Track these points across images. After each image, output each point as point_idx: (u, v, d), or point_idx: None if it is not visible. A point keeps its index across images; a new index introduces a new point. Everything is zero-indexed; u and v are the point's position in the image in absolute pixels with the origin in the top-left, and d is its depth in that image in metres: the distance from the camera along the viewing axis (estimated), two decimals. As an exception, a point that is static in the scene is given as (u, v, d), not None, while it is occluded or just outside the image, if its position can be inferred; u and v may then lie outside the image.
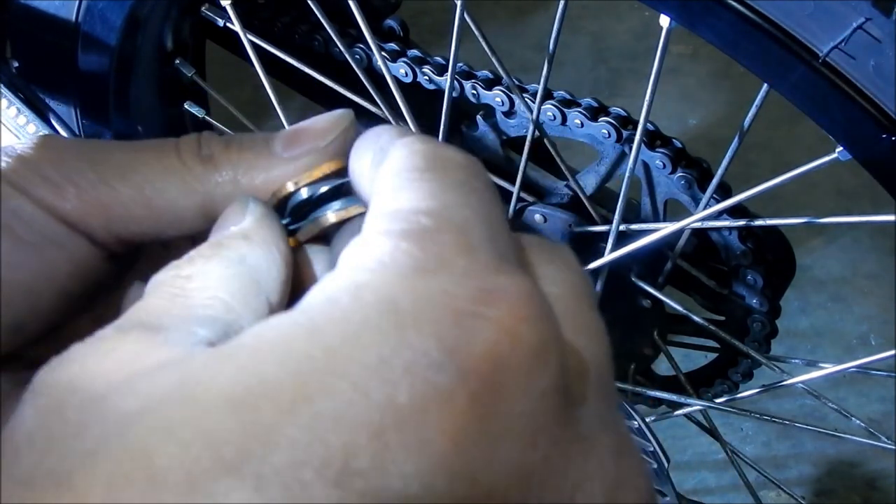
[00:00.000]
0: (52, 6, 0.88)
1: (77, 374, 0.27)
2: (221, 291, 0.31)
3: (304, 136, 0.36)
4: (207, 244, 0.33)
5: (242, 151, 0.36)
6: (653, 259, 0.92)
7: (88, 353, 0.28)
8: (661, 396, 0.96)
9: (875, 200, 1.67)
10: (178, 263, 0.32)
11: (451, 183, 0.28)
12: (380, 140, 0.33)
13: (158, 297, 0.31)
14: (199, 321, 0.29)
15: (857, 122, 0.60)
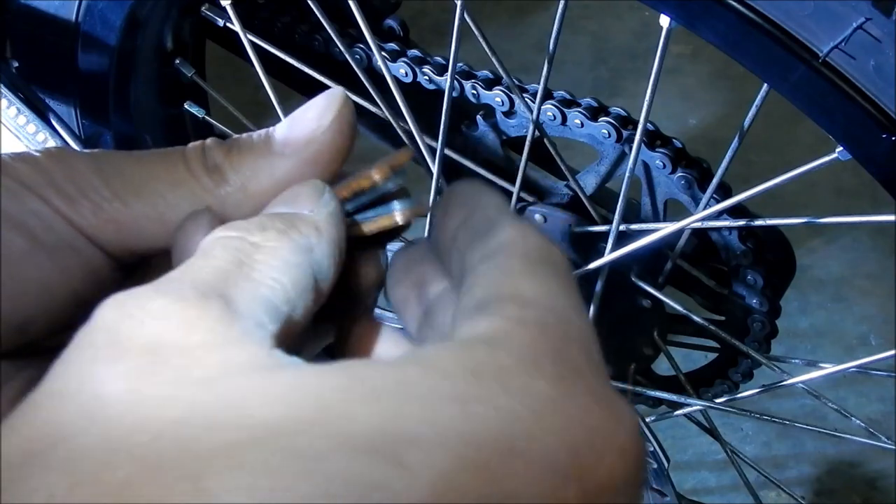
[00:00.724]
0: (52, 6, 0.88)
1: (158, 340, 0.26)
2: (286, 277, 0.30)
3: (299, 126, 0.37)
4: (280, 218, 0.33)
5: (243, 156, 0.37)
6: (653, 259, 0.92)
7: (168, 314, 0.27)
8: (661, 396, 0.96)
9: (875, 200, 1.67)
10: (246, 226, 0.32)
11: (563, 285, 0.29)
12: (481, 205, 0.34)
13: (222, 259, 0.30)
14: (265, 306, 0.29)
15: (857, 122, 0.60)
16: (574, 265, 0.91)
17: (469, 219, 0.34)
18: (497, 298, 0.28)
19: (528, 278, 0.29)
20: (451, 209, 0.35)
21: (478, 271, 0.31)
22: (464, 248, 0.33)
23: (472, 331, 0.27)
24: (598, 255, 0.84)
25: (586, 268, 0.84)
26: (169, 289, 0.28)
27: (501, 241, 0.31)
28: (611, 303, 0.91)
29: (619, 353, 0.98)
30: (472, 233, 0.33)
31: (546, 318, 0.28)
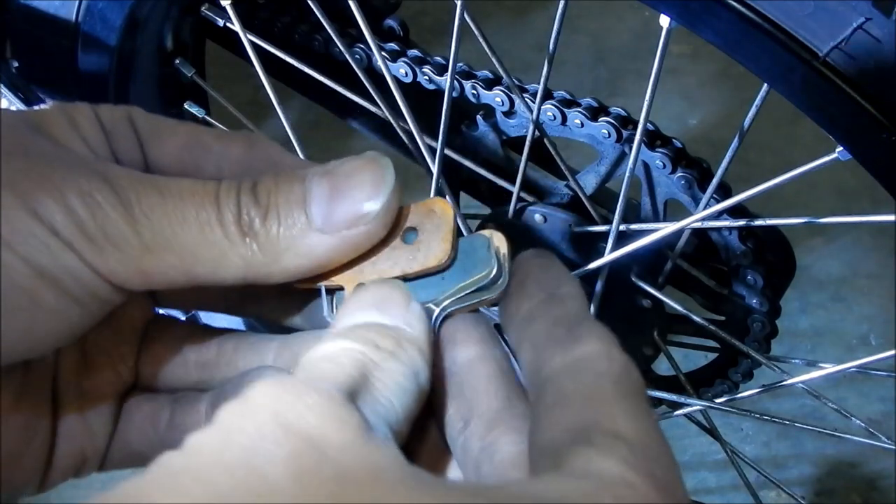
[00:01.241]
0: (52, 6, 0.88)
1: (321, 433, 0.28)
2: (397, 401, 0.33)
3: (343, 201, 0.36)
4: (390, 337, 0.34)
5: (282, 224, 0.36)
6: (653, 259, 0.92)
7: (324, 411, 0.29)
8: (661, 396, 0.96)
9: (875, 200, 1.67)
10: (364, 340, 0.33)
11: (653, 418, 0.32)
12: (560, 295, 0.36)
13: (351, 369, 0.32)
14: (382, 419, 0.31)
15: (857, 122, 0.60)
16: (574, 265, 0.91)
17: (547, 306, 0.35)
18: (601, 432, 0.30)
19: (625, 411, 0.31)
20: (528, 287, 0.36)
21: (566, 387, 0.32)
22: (541, 342, 0.34)
23: (585, 468, 0.29)
24: (598, 255, 0.84)
25: (586, 268, 0.84)
26: (320, 388, 0.30)
27: (588, 355, 0.33)
28: (611, 303, 0.91)
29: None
30: (551, 329, 0.34)
31: (652, 468, 0.30)
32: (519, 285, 0.37)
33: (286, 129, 0.88)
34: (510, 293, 0.37)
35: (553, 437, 0.31)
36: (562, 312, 0.35)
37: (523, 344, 0.35)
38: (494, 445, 0.35)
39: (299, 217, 0.36)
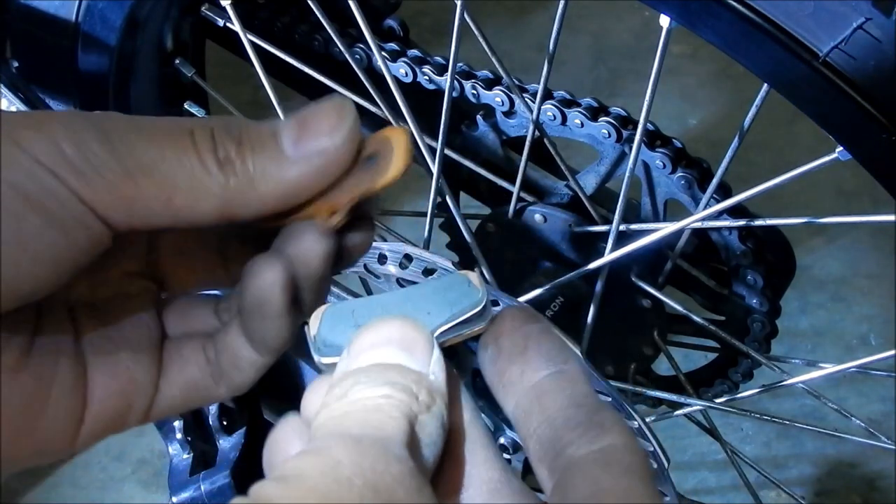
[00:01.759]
0: (52, 6, 0.88)
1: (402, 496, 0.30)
2: (430, 450, 0.34)
3: (311, 135, 0.38)
4: (425, 389, 0.35)
5: (255, 153, 0.38)
6: (653, 259, 0.92)
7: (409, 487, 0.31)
8: (661, 396, 0.96)
9: (875, 200, 1.67)
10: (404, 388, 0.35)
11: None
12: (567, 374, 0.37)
13: (399, 421, 0.33)
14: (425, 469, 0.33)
15: (857, 121, 0.60)
16: (574, 265, 0.91)
17: (558, 383, 0.37)
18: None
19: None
20: (531, 356, 0.37)
21: (594, 476, 0.34)
22: (559, 422, 0.36)
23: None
24: (598, 255, 0.84)
25: (586, 268, 0.84)
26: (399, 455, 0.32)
27: (613, 446, 0.34)
28: (611, 303, 0.91)
29: (620, 352, 0.98)
30: (569, 410, 0.36)
31: None
32: (520, 349, 0.38)
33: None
34: (510, 355, 0.38)
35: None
36: (578, 394, 0.36)
37: (532, 416, 0.36)
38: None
39: (271, 147, 0.38)
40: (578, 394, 0.36)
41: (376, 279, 0.72)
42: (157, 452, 1.58)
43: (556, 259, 0.95)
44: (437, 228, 1.02)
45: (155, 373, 0.43)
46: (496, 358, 0.38)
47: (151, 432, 1.57)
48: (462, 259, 1.02)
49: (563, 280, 0.86)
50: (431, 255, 0.79)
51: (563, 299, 0.93)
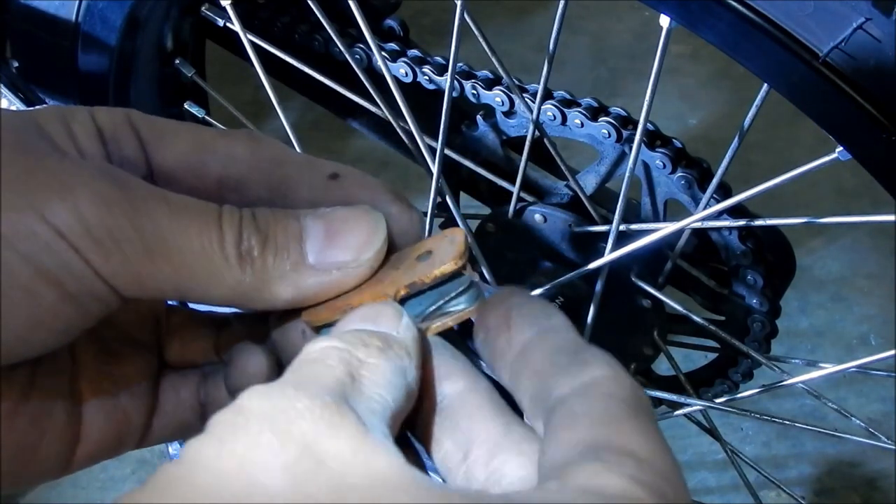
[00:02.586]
0: (52, 6, 0.88)
1: (314, 440, 0.29)
2: (389, 395, 0.33)
3: (337, 245, 0.38)
4: (375, 335, 0.35)
5: (278, 255, 0.38)
6: (653, 259, 0.92)
7: (317, 417, 0.30)
8: (661, 396, 0.96)
9: (875, 200, 1.67)
10: (351, 339, 0.34)
11: (661, 437, 0.32)
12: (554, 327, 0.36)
13: (338, 369, 0.33)
14: (377, 419, 0.32)
15: (857, 122, 0.60)
16: (574, 265, 0.91)
17: (543, 339, 0.36)
18: (609, 449, 0.30)
19: (634, 430, 0.31)
20: (517, 322, 0.37)
21: (576, 408, 0.32)
22: (545, 371, 0.35)
23: (592, 482, 0.29)
24: (598, 255, 0.84)
25: (586, 268, 0.84)
26: (309, 392, 0.30)
27: (596, 379, 0.33)
28: (611, 303, 0.91)
29: (620, 353, 0.98)
30: (553, 357, 0.35)
31: (659, 483, 0.30)
32: (504, 320, 0.38)
33: (286, 129, 0.88)
34: (497, 328, 0.38)
35: (562, 455, 0.31)
36: (561, 342, 0.36)
37: (523, 375, 0.36)
38: (500, 471, 0.35)
39: (295, 252, 0.38)
40: (562, 341, 0.36)
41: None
42: (157, 452, 1.58)
43: (556, 259, 0.95)
44: (438, 228, 1.02)
45: (149, 411, 0.44)
46: (486, 338, 0.38)
47: (151, 432, 1.57)
48: (462, 259, 1.02)
49: (563, 280, 0.86)
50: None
51: (563, 299, 0.93)
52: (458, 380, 0.38)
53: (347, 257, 0.38)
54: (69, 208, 0.34)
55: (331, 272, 0.38)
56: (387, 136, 1.06)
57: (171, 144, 0.42)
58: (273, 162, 0.42)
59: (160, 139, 0.42)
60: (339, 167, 0.42)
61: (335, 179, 0.41)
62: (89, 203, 0.35)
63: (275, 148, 0.42)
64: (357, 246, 0.38)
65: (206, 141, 0.42)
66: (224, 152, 0.42)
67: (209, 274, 0.37)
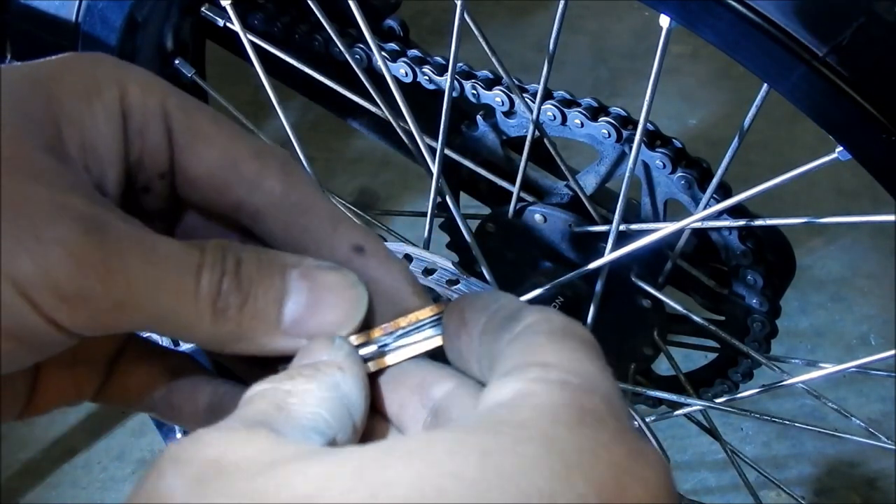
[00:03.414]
0: (52, 6, 0.88)
1: (220, 456, 0.29)
2: (323, 409, 0.33)
3: (316, 317, 0.37)
4: (305, 366, 0.35)
5: (254, 318, 0.37)
6: (653, 259, 0.92)
7: (224, 441, 0.30)
8: (661, 396, 0.96)
9: (875, 200, 1.67)
10: (278, 378, 0.34)
11: (588, 354, 0.32)
12: (500, 304, 0.36)
13: (262, 405, 0.33)
14: (311, 432, 0.32)
15: (857, 122, 0.60)
16: (574, 265, 0.92)
17: (493, 318, 0.36)
18: (521, 367, 0.31)
19: (553, 348, 0.32)
20: (471, 316, 0.37)
21: (505, 352, 0.33)
22: (490, 341, 0.35)
23: (496, 396, 0.30)
24: (598, 255, 0.84)
25: (586, 268, 0.84)
26: (220, 426, 0.31)
27: (527, 323, 0.33)
28: (611, 303, 0.91)
29: (620, 353, 0.98)
30: (497, 326, 0.35)
31: (567, 377, 0.30)
32: (460, 319, 0.38)
33: (286, 129, 0.88)
34: (456, 329, 0.38)
35: (487, 386, 0.32)
36: (504, 312, 0.36)
37: (482, 358, 0.36)
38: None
39: (272, 314, 0.37)
40: (507, 311, 0.35)
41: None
42: (157, 452, 1.58)
43: (556, 259, 0.95)
44: (437, 228, 1.02)
45: (101, 380, 0.43)
46: (449, 342, 0.38)
47: (151, 432, 1.57)
48: (462, 259, 1.02)
49: (563, 280, 0.86)
50: (431, 255, 0.79)
51: (563, 299, 0.93)
52: (444, 382, 0.38)
53: (321, 331, 0.37)
54: (37, 268, 0.33)
55: (301, 340, 0.37)
56: (387, 136, 1.06)
57: (200, 153, 0.39)
58: (299, 209, 0.40)
59: (191, 144, 0.39)
60: (364, 236, 0.40)
61: (359, 253, 0.40)
62: (59, 262, 0.33)
63: (305, 190, 0.40)
64: (334, 322, 0.38)
65: (238, 160, 0.39)
66: (252, 180, 0.39)
67: (180, 323, 0.36)
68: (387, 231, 1.10)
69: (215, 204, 0.40)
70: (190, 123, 0.39)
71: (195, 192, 0.40)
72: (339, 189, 1.85)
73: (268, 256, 0.38)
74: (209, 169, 0.39)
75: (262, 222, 0.40)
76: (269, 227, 0.40)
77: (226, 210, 0.40)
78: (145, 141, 0.39)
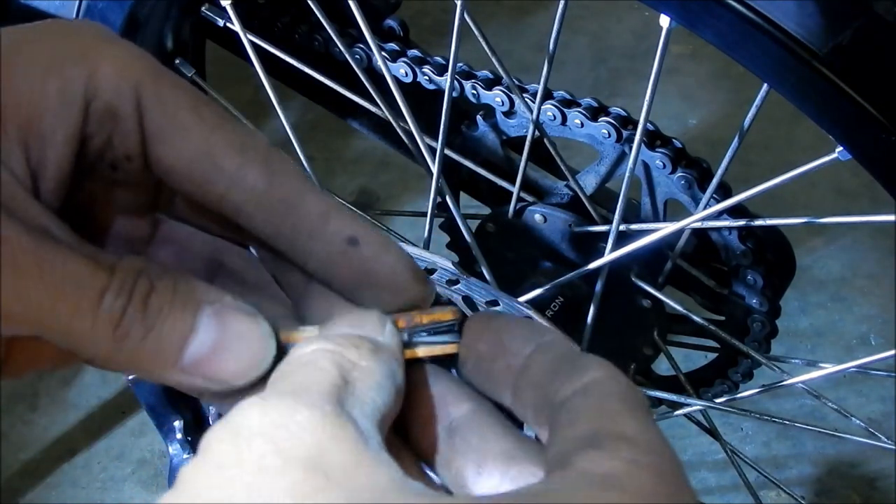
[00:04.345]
0: (52, 6, 0.88)
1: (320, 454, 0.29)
2: (380, 398, 0.33)
3: (216, 363, 0.36)
4: (367, 342, 0.35)
5: (154, 353, 0.35)
6: (653, 259, 0.92)
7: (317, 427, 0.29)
8: (661, 396, 0.96)
9: (875, 200, 1.67)
10: (341, 342, 0.34)
11: (654, 423, 0.33)
12: (547, 342, 0.36)
13: (331, 373, 0.32)
14: (372, 424, 0.32)
15: (857, 122, 0.60)
16: (574, 265, 0.91)
17: (540, 354, 0.36)
18: (608, 436, 0.31)
19: (631, 420, 0.32)
20: (511, 344, 0.37)
21: (577, 406, 0.33)
22: (547, 381, 0.35)
23: (593, 467, 0.30)
24: (598, 255, 0.84)
25: (586, 268, 0.84)
26: (307, 401, 0.30)
27: (595, 379, 0.34)
28: (611, 303, 0.91)
29: (620, 352, 0.98)
30: (553, 367, 0.35)
31: (657, 462, 0.31)
32: (497, 344, 0.37)
33: (286, 129, 0.88)
34: (492, 353, 0.38)
35: (564, 448, 0.31)
36: (559, 353, 0.36)
37: (526, 390, 0.36)
38: (517, 481, 0.35)
39: (172, 351, 0.35)
40: (560, 352, 0.35)
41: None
42: (157, 452, 1.58)
43: (556, 259, 0.95)
44: (437, 228, 1.02)
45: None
46: (480, 363, 0.38)
47: (151, 432, 1.57)
48: (462, 259, 1.02)
49: (563, 280, 0.86)
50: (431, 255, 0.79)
51: (563, 299, 0.93)
52: (463, 402, 0.38)
53: (220, 377, 0.36)
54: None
55: (197, 380, 0.36)
56: (387, 136, 1.06)
57: (175, 145, 0.37)
58: (285, 205, 0.37)
59: (165, 135, 0.37)
60: (357, 227, 0.38)
61: (354, 246, 0.38)
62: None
63: (291, 185, 0.38)
64: (235, 373, 0.36)
65: (217, 153, 0.37)
66: (232, 175, 0.37)
67: (75, 344, 0.35)
68: (387, 231, 1.10)
69: (196, 196, 0.38)
70: (165, 111, 0.37)
71: (173, 182, 0.38)
72: (339, 189, 1.85)
73: (185, 288, 0.36)
74: (185, 162, 0.37)
75: (246, 219, 0.38)
76: (254, 224, 0.38)
77: (208, 204, 0.38)
78: (115, 124, 0.37)
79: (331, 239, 0.38)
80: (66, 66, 0.37)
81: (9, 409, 1.64)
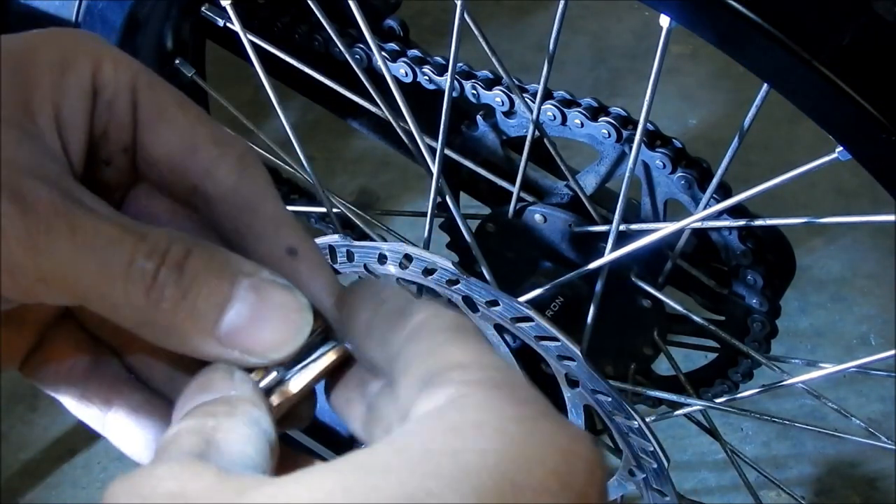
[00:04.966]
0: (52, 6, 0.88)
1: (182, 489, 0.30)
2: (248, 446, 0.33)
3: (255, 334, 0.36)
4: (218, 402, 0.35)
5: (190, 319, 0.36)
6: (653, 259, 0.92)
7: (178, 474, 0.31)
8: (661, 396, 0.96)
9: (875, 200, 1.67)
10: (197, 415, 0.34)
11: (484, 344, 0.34)
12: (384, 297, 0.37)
13: (194, 440, 0.33)
14: (244, 466, 0.32)
15: (857, 122, 0.60)
16: (574, 265, 0.91)
17: (377, 311, 0.36)
18: (439, 370, 0.32)
19: (458, 348, 0.33)
20: (355, 308, 0.37)
21: (408, 352, 0.34)
22: (382, 337, 0.35)
23: (433, 402, 0.31)
24: (598, 255, 0.84)
25: (586, 268, 0.84)
26: (164, 459, 0.32)
27: (419, 322, 0.34)
28: (611, 303, 0.91)
29: (620, 353, 0.98)
30: (386, 321, 0.36)
31: (491, 376, 0.31)
32: (347, 311, 0.38)
33: (286, 129, 0.88)
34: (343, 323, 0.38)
35: (405, 400, 0.32)
36: (391, 306, 0.36)
37: (371, 348, 0.36)
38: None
39: (210, 318, 0.36)
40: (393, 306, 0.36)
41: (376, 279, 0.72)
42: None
43: (556, 259, 0.95)
44: (437, 228, 1.02)
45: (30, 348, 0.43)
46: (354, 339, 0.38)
47: (151, 432, 1.57)
48: (462, 259, 1.02)
49: (563, 280, 0.86)
50: (431, 255, 0.79)
51: (563, 299, 0.93)
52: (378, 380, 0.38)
53: (257, 349, 0.36)
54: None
55: (234, 352, 0.36)
56: (387, 136, 1.06)
57: (162, 133, 0.40)
58: (246, 205, 0.40)
59: (154, 123, 0.40)
60: (301, 241, 0.40)
61: (292, 256, 0.39)
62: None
63: (256, 187, 0.40)
64: (272, 342, 0.36)
65: (197, 145, 0.40)
66: (207, 167, 0.40)
67: (108, 307, 0.35)
68: (387, 231, 1.10)
69: (173, 185, 0.41)
70: (156, 102, 0.40)
71: (154, 172, 0.41)
72: (339, 189, 1.85)
73: (221, 257, 0.37)
74: (169, 150, 0.40)
75: (212, 212, 0.40)
76: (218, 217, 0.40)
77: (183, 193, 0.41)
78: (112, 115, 0.40)
79: (275, 245, 0.39)
80: (78, 62, 0.39)
81: (9, 409, 1.64)
